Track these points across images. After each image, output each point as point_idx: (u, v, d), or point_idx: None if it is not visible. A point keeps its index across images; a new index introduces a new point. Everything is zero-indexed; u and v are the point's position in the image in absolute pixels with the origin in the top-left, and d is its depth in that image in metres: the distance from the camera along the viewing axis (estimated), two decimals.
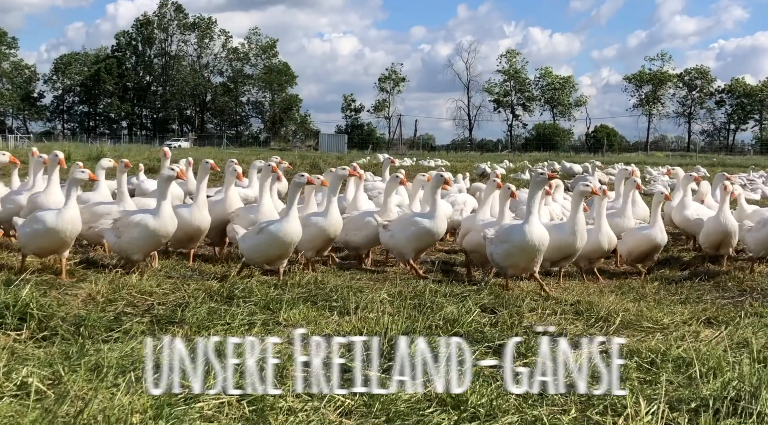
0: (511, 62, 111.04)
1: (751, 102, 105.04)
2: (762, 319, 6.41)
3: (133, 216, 7.94)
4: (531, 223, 7.52)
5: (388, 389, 4.36)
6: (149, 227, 7.77)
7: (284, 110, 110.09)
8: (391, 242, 8.71)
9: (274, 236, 7.67)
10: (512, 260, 7.67)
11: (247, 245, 7.87)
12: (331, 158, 47.03)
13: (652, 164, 39.77)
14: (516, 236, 7.57)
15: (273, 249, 7.75)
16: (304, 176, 8.09)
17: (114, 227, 8.04)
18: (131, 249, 7.87)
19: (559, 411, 4.17)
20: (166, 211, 7.89)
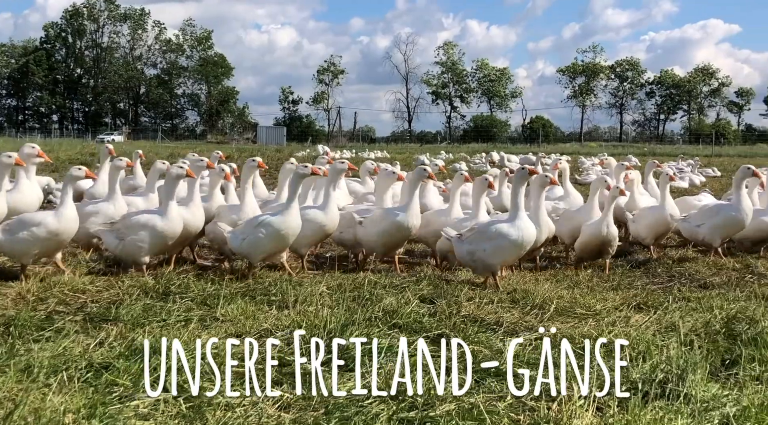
0: (448, 54, 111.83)
1: (679, 93, 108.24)
2: (689, 303, 6.63)
3: (138, 217, 7.60)
4: (521, 218, 7.28)
5: (327, 382, 4.37)
6: (157, 228, 7.47)
7: (221, 103, 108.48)
8: (363, 238, 8.38)
9: (274, 230, 7.43)
10: (502, 258, 7.38)
11: (244, 241, 7.55)
12: (270, 150, 46.65)
13: (585, 154, 40.64)
14: (511, 233, 7.23)
15: (273, 243, 7.53)
16: (308, 167, 7.84)
17: (114, 229, 7.67)
18: (137, 252, 7.53)
19: (496, 398, 4.25)
20: (174, 211, 7.61)
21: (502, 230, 7.27)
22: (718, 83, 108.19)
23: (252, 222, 7.65)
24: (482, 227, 7.52)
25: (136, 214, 7.76)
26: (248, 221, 7.77)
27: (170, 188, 7.66)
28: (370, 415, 3.88)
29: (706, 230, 9.21)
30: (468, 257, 7.49)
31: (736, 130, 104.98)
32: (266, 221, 7.50)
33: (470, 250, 7.44)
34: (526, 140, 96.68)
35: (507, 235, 7.23)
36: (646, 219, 9.59)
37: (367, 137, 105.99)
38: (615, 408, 3.99)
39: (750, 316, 5.83)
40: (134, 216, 7.65)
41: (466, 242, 7.52)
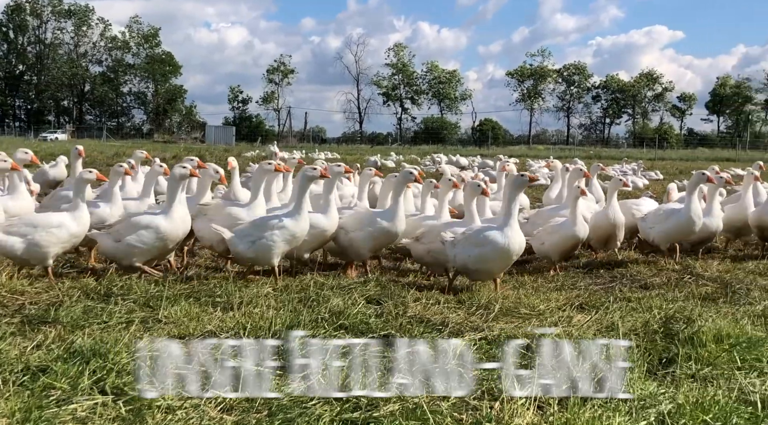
0: (399, 56, 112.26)
1: (624, 97, 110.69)
2: (629, 304, 6.78)
3: (139, 218, 7.36)
4: (512, 227, 7.11)
5: (271, 383, 4.35)
6: (161, 229, 7.24)
7: (168, 101, 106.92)
8: (345, 242, 8.11)
9: (287, 233, 7.30)
10: (486, 266, 7.22)
11: (248, 245, 7.37)
12: (218, 150, 46.15)
13: (533, 157, 41.22)
14: (498, 240, 7.07)
15: (283, 247, 7.37)
16: (317, 169, 7.66)
17: (111, 231, 7.38)
18: (135, 255, 7.29)
19: (439, 398, 4.27)
20: (178, 212, 7.38)
21: (489, 238, 7.12)
22: (661, 88, 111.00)
23: (260, 225, 7.45)
24: (469, 235, 7.34)
25: (136, 214, 7.56)
26: (254, 223, 7.56)
27: (174, 189, 7.43)
28: (313, 416, 3.87)
29: (656, 233, 9.33)
30: (460, 263, 7.28)
31: (678, 134, 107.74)
32: (277, 224, 7.33)
33: (460, 255, 7.26)
34: (476, 142, 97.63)
35: (493, 242, 7.08)
36: (590, 222, 9.67)
37: (318, 137, 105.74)
38: (555, 406, 4.06)
39: (687, 316, 5.98)
40: (135, 217, 7.43)
41: (458, 246, 7.34)
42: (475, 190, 8.14)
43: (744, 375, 4.72)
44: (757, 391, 4.38)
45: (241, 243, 7.40)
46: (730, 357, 5.04)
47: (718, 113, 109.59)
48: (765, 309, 6.54)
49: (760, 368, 4.91)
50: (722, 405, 4.06)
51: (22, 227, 7.12)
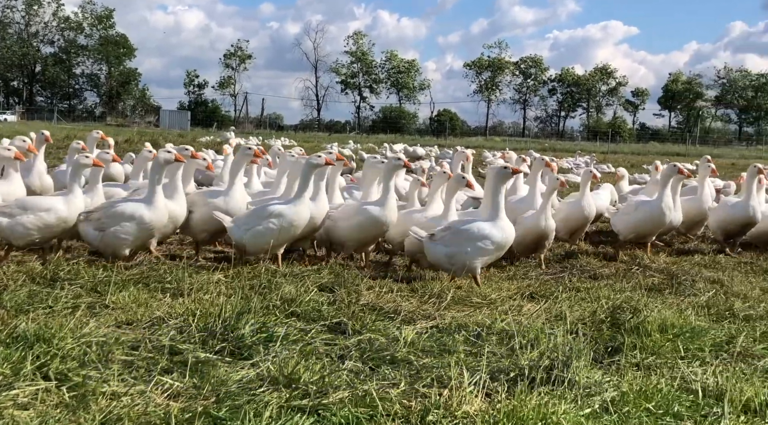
0: (358, 44, 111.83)
1: (579, 91, 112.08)
2: (578, 294, 6.88)
3: (121, 206, 7.16)
4: (502, 218, 7.11)
5: (220, 370, 4.32)
6: (144, 218, 7.08)
7: (122, 84, 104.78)
8: (335, 233, 7.98)
9: (286, 220, 7.25)
10: (484, 260, 7.15)
11: (250, 232, 7.31)
12: (172, 135, 45.43)
13: (489, 148, 41.53)
14: (495, 234, 7.02)
15: (284, 235, 7.32)
16: (322, 157, 7.52)
17: (93, 220, 7.18)
18: (120, 244, 7.12)
19: (389, 385, 4.29)
20: (161, 199, 7.21)
21: (484, 232, 7.03)
22: (615, 83, 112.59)
23: (260, 213, 7.37)
24: (461, 228, 7.18)
25: (118, 203, 7.32)
26: (254, 211, 7.50)
27: (157, 175, 7.24)
28: (261, 403, 3.84)
29: (624, 225, 9.32)
30: (446, 259, 7.16)
31: (631, 128, 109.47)
32: (277, 211, 7.27)
33: (449, 253, 7.11)
34: (434, 132, 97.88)
35: (490, 236, 7.01)
36: (561, 214, 9.59)
37: (275, 124, 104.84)
38: (503, 394, 4.10)
39: (633, 306, 6.10)
40: (116, 205, 7.22)
41: (440, 243, 7.19)
42: (459, 183, 7.93)
43: (687, 364, 4.84)
44: (698, 380, 4.48)
45: (239, 231, 7.36)
46: (674, 347, 5.16)
47: (669, 108, 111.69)
48: (709, 300, 6.70)
49: (702, 357, 5.03)
50: (665, 393, 4.15)
51: (13, 208, 7.08)
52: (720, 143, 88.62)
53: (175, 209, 7.55)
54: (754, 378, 4.51)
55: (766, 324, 5.90)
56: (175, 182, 7.68)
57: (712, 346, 5.31)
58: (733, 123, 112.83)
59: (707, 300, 6.69)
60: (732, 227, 9.98)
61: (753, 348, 5.27)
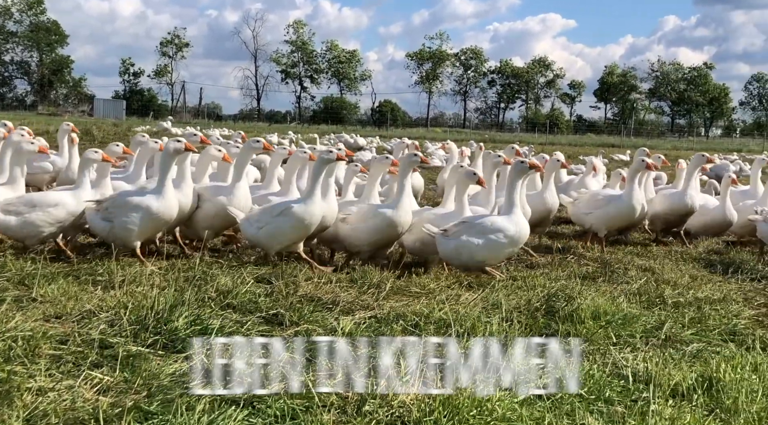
0: (298, 33, 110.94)
1: (518, 83, 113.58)
2: (515, 283, 6.96)
3: (129, 197, 7.00)
4: (516, 213, 7.06)
5: (152, 364, 4.22)
6: (152, 209, 6.88)
7: (54, 72, 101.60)
8: (348, 236, 7.66)
9: (298, 218, 7.06)
10: (495, 255, 7.13)
11: (264, 230, 7.14)
12: (107, 124, 44.40)
13: (431, 139, 41.76)
14: (508, 228, 6.96)
15: (296, 232, 7.15)
16: (333, 152, 7.30)
17: (101, 210, 6.99)
18: (128, 236, 6.95)
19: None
20: (171, 191, 7.01)
21: (497, 225, 6.97)
22: (553, 75, 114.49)
23: (272, 210, 7.21)
24: (474, 223, 7.08)
25: (127, 193, 7.17)
26: (267, 208, 7.32)
27: (166, 166, 7.05)
28: (194, 397, 3.77)
29: (594, 219, 9.34)
30: (455, 254, 7.09)
31: (568, 120, 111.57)
32: (289, 208, 7.09)
33: (458, 246, 7.02)
34: (375, 123, 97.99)
35: (504, 230, 6.95)
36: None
37: (214, 113, 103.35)
38: (439, 382, 4.12)
39: (568, 294, 6.21)
40: (125, 196, 7.06)
41: (452, 238, 7.08)
42: (470, 179, 7.61)
43: (618, 350, 4.95)
44: (629, 365, 4.59)
45: (251, 228, 7.24)
46: (606, 333, 5.28)
47: (605, 100, 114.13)
48: (640, 288, 6.87)
49: (633, 343, 5.16)
50: (597, 379, 4.23)
51: (20, 206, 7.01)
52: (653, 135, 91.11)
53: (181, 199, 7.34)
54: (682, 363, 4.64)
55: (694, 311, 6.08)
56: (183, 172, 7.49)
57: (643, 332, 5.45)
58: (666, 115, 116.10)
59: (639, 288, 6.86)
60: (672, 218, 10.14)
61: (682, 333, 5.43)
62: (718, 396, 4.08)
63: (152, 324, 4.79)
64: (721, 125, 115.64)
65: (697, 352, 5.02)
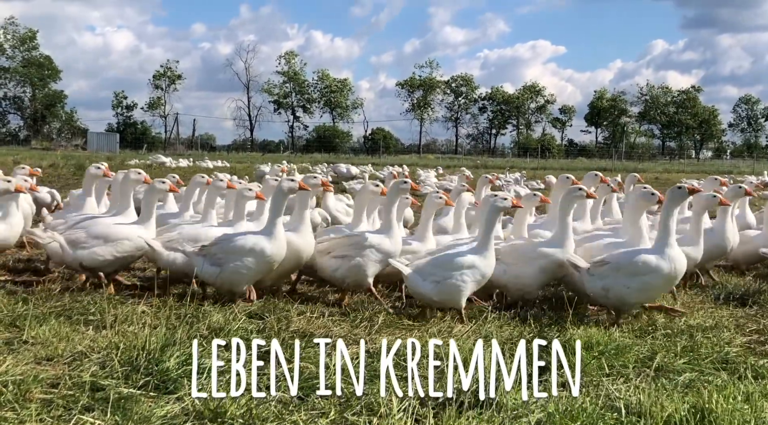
0: (290, 64, 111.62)
1: (509, 108, 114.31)
2: (507, 314, 6.94)
3: (240, 240, 6.81)
4: (672, 246, 6.49)
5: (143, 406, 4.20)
6: (266, 251, 6.73)
7: (47, 107, 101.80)
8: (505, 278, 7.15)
9: (481, 273, 6.66)
10: (649, 295, 6.71)
11: (442, 284, 6.62)
12: (100, 158, 44.40)
13: (423, 166, 41.91)
14: (662, 266, 6.43)
15: (474, 286, 6.71)
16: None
17: (207, 255, 6.89)
18: (239, 279, 6.84)
19: (318, 415, 4.25)
20: (281, 231, 6.86)
21: (650, 265, 6.42)
22: (543, 100, 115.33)
23: (449, 264, 6.67)
24: (621, 263, 6.56)
25: (236, 236, 6.95)
26: (441, 261, 6.78)
27: (278, 205, 6.89)
28: None
29: None
30: (602, 294, 6.62)
31: (559, 144, 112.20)
32: (471, 262, 6.61)
33: (605, 286, 6.56)
34: (368, 151, 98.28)
35: (658, 270, 6.41)
36: None
37: (207, 144, 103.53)
38: (431, 419, 4.11)
39: (560, 323, 6.20)
40: (236, 239, 6.88)
41: (597, 276, 6.63)
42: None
43: (611, 382, 4.94)
44: (622, 397, 4.58)
45: (424, 283, 6.68)
46: (599, 364, 5.27)
47: (596, 124, 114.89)
48: (632, 316, 6.85)
49: (626, 374, 5.15)
50: (590, 412, 4.22)
51: (89, 239, 7.24)
52: (644, 158, 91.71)
53: (300, 244, 7.14)
54: (675, 394, 4.63)
55: (686, 339, 6.08)
56: (302, 214, 7.28)
57: (636, 362, 5.44)
58: (657, 138, 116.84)
59: (631, 316, 6.85)
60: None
61: (674, 363, 5.42)
62: None
63: (143, 365, 4.77)
64: (712, 147, 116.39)
65: (690, 382, 5.02)
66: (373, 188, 7.98)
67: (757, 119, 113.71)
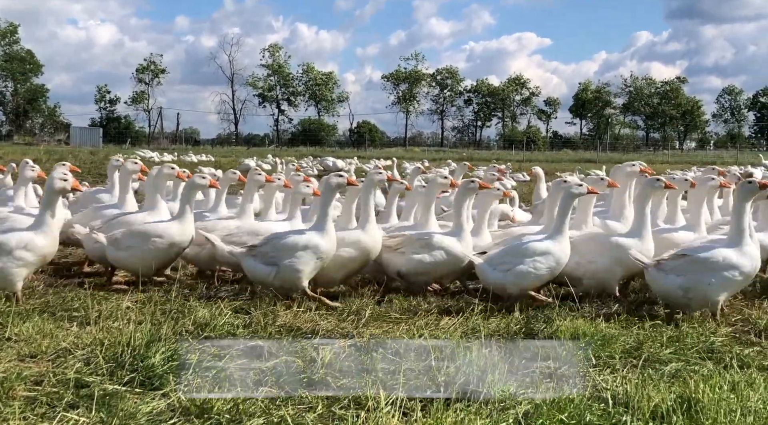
0: (274, 57, 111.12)
1: (494, 101, 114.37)
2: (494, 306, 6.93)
3: (294, 237, 6.75)
4: (748, 243, 6.32)
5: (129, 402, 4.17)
6: (320, 247, 6.67)
7: (29, 101, 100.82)
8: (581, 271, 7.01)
9: (555, 259, 6.65)
10: (729, 292, 6.53)
11: (511, 272, 6.66)
12: (83, 153, 44.10)
13: (409, 159, 41.89)
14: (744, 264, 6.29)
15: (547, 276, 6.75)
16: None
17: (258, 255, 6.82)
18: (297, 277, 6.74)
19: (306, 410, 4.23)
20: (332, 227, 6.83)
21: (731, 261, 6.22)
22: (529, 93, 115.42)
23: (521, 251, 6.71)
24: (699, 257, 6.32)
25: (287, 234, 6.92)
26: (513, 249, 6.81)
27: (327, 200, 6.89)
28: None
29: None
30: (681, 292, 6.34)
31: (544, 136, 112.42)
32: (545, 248, 6.64)
33: (684, 284, 6.31)
34: (354, 144, 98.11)
35: (740, 267, 6.24)
36: None
37: (191, 138, 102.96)
38: (419, 412, 4.10)
39: (546, 315, 6.22)
40: (288, 237, 6.83)
41: (672, 273, 6.37)
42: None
43: (598, 372, 4.95)
44: (609, 388, 4.59)
45: (494, 272, 6.75)
46: (586, 355, 5.27)
47: (580, 116, 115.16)
48: (619, 307, 6.87)
49: (613, 364, 5.16)
50: (577, 403, 4.22)
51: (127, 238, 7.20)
52: (629, 149, 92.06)
53: (368, 241, 7.05)
54: (661, 384, 4.64)
55: (672, 329, 6.11)
56: (368, 210, 7.16)
57: (622, 352, 5.46)
58: (641, 129, 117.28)
59: (617, 307, 6.87)
60: None
61: (660, 353, 5.44)
62: (697, 417, 4.08)
63: (129, 361, 4.74)
64: (695, 138, 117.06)
65: (676, 372, 5.03)
66: (442, 181, 7.87)
67: (740, 109, 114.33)
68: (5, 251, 6.36)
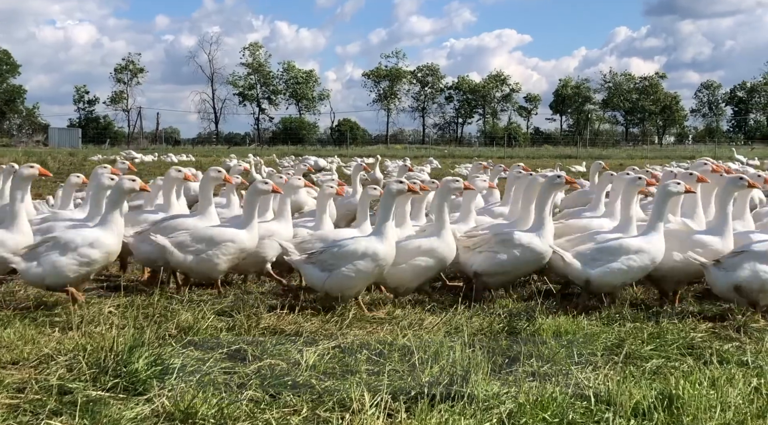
0: (254, 56, 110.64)
1: (475, 98, 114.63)
2: (477, 304, 6.97)
3: (353, 243, 6.64)
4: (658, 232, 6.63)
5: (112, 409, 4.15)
6: (379, 254, 6.56)
7: (6, 102, 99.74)
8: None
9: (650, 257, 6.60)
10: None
11: (601, 269, 6.64)
12: (62, 154, 43.68)
13: (391, 157, 41.92)
14: None
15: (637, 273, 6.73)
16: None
17: (316, 262, 6.72)
18: (350, 284, 6.66)
19: (290, 413, 4.24)
20: (392, 233, 6.70)
21: None
22: (509, 89, 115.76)
23: (612, 248, 6.69)
24: (760, 251, 6.35)
25: (346, 241, 6.80)
26: (604, 246, 6.77)
27: (388, 206, 6.76)
28: None
29: None
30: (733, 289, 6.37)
31: (525, 133, 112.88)
32: (638, 247, 6.61)
33: (739, 281, 6.31)
34: (335, 142, 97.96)
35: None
36: None
37: (171, 138, 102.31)
38: (403, 413, 4.12)
39: (529, 313, 6.26)
40: (346, 244, 6.71)
41: (730, 269, 6.36)
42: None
43: (580, 370, 4.99)
44: (591, 386, 4.63)
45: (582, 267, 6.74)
46: (568, 353, 5.32)
47: (561, 112, 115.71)
48: (600, 305, 6.93)
49: (595, 362, 5.21)
50: (559, 401, 4.26)
51: (194, 244, 7.16)
52: (608, 144, 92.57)
53: (441, 247, 6.95)
54: (642, 381, 4.70)
55: (652, 325, 6.17)
56: (441, 218, 7.03)
57: (604, 350, 5.51)
58: (620, 125, 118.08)
59: (599, 305, 6.93)
60: None
61: (641, 349, 5.50)
62: (678, 413, 4.13)
63: (112, 367, 4.71)
64: (674, 133, 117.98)
65: (657, 368, 5.09)
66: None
67: (718, 104, 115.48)
68: (70, 248, 6.42)
